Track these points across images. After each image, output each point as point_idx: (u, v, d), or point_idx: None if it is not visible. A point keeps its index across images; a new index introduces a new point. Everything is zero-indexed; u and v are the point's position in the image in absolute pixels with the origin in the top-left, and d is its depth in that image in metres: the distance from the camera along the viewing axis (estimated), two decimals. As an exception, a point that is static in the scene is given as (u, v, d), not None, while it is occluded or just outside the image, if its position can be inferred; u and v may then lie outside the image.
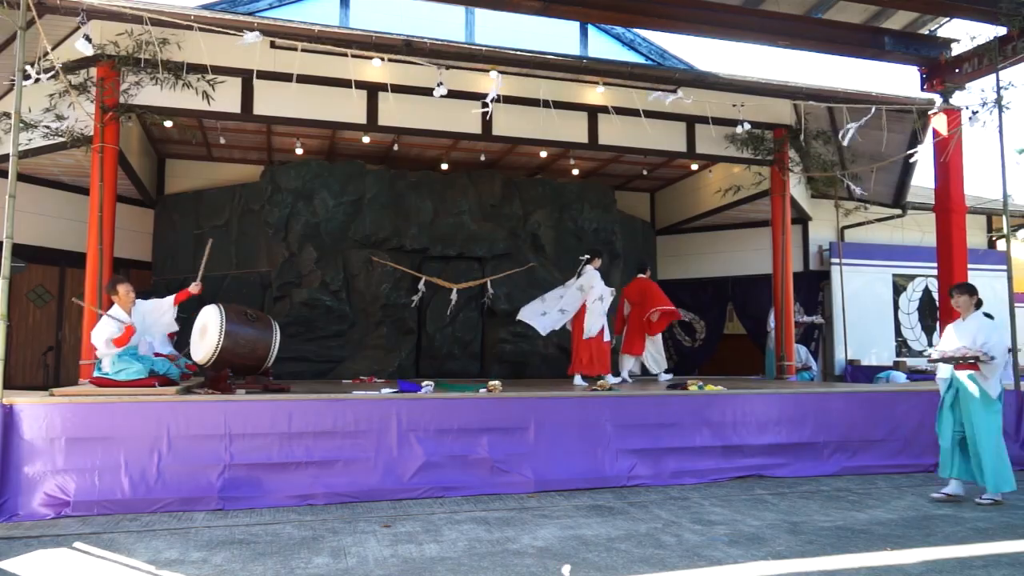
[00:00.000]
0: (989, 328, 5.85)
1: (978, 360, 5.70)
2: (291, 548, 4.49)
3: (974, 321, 5.95)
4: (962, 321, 6.02)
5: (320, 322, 9.88)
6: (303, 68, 7.92)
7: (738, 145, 9.83)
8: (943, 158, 9.11)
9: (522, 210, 11.07)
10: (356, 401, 6.06)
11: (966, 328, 5.95)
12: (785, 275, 10.24)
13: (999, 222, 14.07)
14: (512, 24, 10.82)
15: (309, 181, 10.08)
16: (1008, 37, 8.23)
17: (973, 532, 4.92)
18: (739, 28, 8.61)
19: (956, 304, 6.07)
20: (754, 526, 5.08)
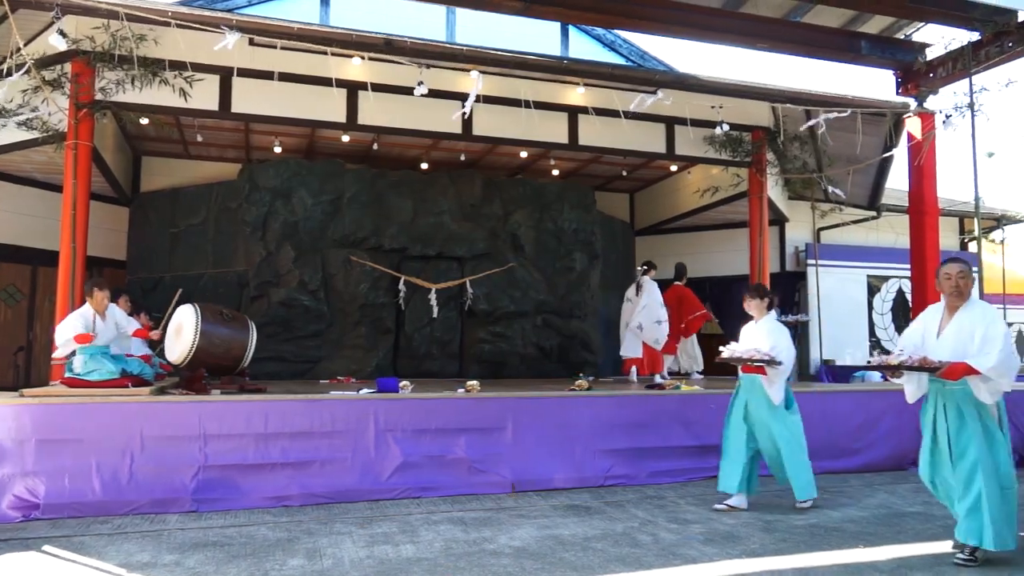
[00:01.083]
0: (779, 332, 5.61)
1: (766, 363, 5.42)
2: (266, 550, 4.46)
3: (766, 324, 5.69)
4: (755, 324, 5.76)
5: (298, 322, 9.82)
6: (282, 66, 7.88)
7: (716, 147, 9.89)
8: (917, 161, 9.24)
9: (502, 210, 11.07)
10: (333, 401, 6.04)
11: (758, 331, 5.69)
12: (762, 276, 10.32)
13: (971, 224, 14.27)
14: (493, 24, 10.80)
15: (288, 180, 10.02)
16: (981, 42, 8.37)
17: (943, 529, 4.98)
18: (718, 30, 8.68)
19: (748, 307, 5.80)
20: (729, 524, 5.12)
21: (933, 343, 4.36)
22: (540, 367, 10.83)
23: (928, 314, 4.53)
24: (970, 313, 4.28)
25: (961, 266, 4.36)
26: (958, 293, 4.32)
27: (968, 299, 4.33)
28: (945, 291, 4.36)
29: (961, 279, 4.32)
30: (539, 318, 10.93)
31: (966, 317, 4.28)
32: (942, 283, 4.37)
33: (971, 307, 4.31)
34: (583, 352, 11.13)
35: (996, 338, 4.10)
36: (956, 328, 4.29)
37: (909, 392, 4.56)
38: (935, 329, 4.41)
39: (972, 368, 4.09)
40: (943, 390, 4.35)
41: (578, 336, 11.11)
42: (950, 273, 4.35)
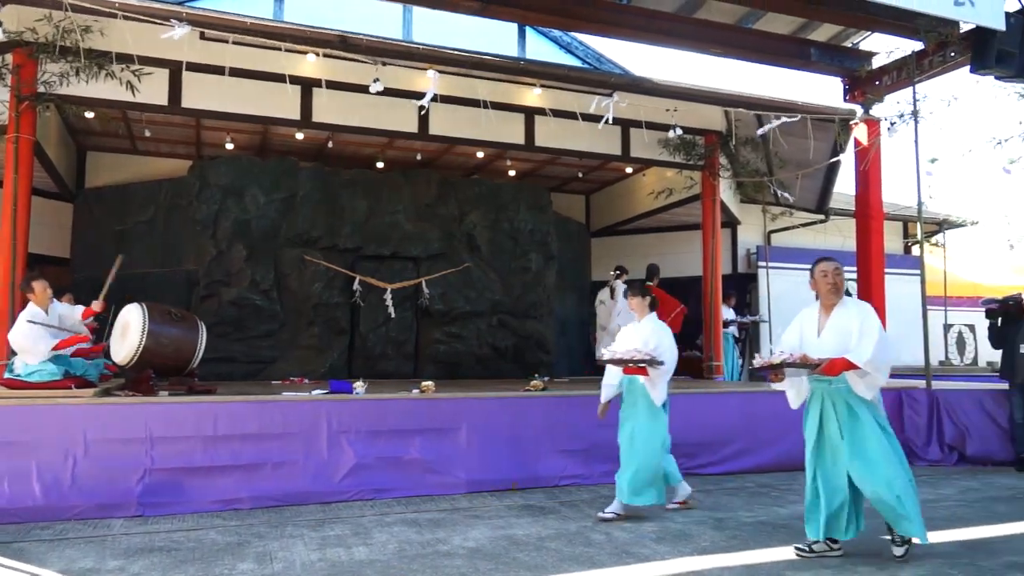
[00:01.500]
0: (661, 332, 5.42)
1: (647, 364, 5.21)
2: (214, 555, 4.37)
3: (648, 323, 5.51)
4: (637, 323, 5.59)
5: (249, 322, 9.66)
6: (235, 61, 7.73)
7: (671, 150, 10.02)
8: (863, 166, 9.49)
9: (458, 210, 11.04)
10: (285, 403, 5.95)
11: (640, 330, 5.51)
12: (715, 277, 10.50)
13: (914, 228, 14.70)
14: (450, 24, 10.77)
15: (240, 177, 9.84)
16: (925, 52, 8.62)
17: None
18: (673, 35, 8.79)
19: (630, 306, 5.68)
20: (681, 523, 5.19)
21: (814, 343, 4.35)
22: (495, 367, 10.84)
23: (804, 316, 4.53)
24: (846, 310, 4.32)
25: (836, 264, 4.42)
26: (835, 290, 4.35)
27: (842, 297, 4.38)
28: (822, 290, 4.39)
29: (837, 276, 4.38)
30: (495, 318, 10.94)
31: (843, 314, 4.31)
32: (819, 282, 4.40)
33: (846, 304, 4.36)
34: (538, 352, 11.16)
35: (871, 332, 4.13)
36: (835, 326, 4.30)
37: (791, 397, 4.54)
38: (814, 329, 4.41)
39: (851, 363, 4.10)
40: (829, 389, 4.32)
41: (533, 336, 11.15)
42: (826, 271, 4.40)
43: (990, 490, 6.44)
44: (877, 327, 4.13)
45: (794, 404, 4.53)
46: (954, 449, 7.74)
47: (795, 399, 4.51)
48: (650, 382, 5.29)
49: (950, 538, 4.76)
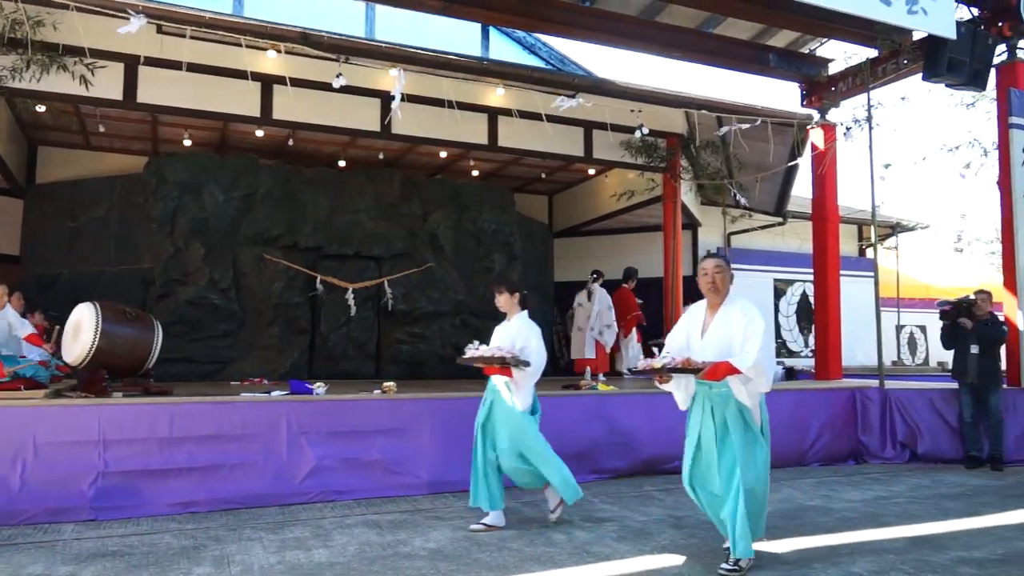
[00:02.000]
0: (530, 331, 5.07)
1: (511, 365, 4.86)
2: (170, 558, 4.29)
3: (517, 322, 5.16)
4: (507, 322, 5.24)
5: (207, 321, 9.50)
6: (193, 56, 7.59)
7: (633, 152, 10.11)
8: (819, 170, 9.69)
9: (421, 210, 11.00)
10: (243, 404, 5.86)
11: (507, 329, 5.18)
12: (675, 278, 10.62)
13: (869, 231, 15.05)
14: (413, 22, 10.73)
15: (197, 174, 9.67)
16: (879, 59, 8.85)
17: (841, 522, 5.24)
18: (635, 38, 8.88)
19: (498, 303, 5.28)
20: (641, 522, 5.23)
21: (698, 343, 4.13)
22: (458, 368, 10.78)
23: (692, 313, 4.30)
24: (731, 310, 4.07)
25: (717, 261, 4.16)
26: (714, 289, 4.11)
27: (727, 296, 4.13)
28: (703, 288, 4.17)
29: (717, 274, 4.11)
30: (457, 318, 10.92)
31: (727, 315, 4.07)
32: (700, 280, 4.17)
33: (732, 304, 4.10)
34: (501, 353, 11.15)
35: (755, 336, 3.89)
36: (718, 326, 4.08)
37: (679, 399, 4.30)
38: (699, 329, 4.19)
39: (734, 367, 3.87)
40: (710, 393, 4.10)
41: (496, 337, 11.13)
42: (706, 269, 4.14)
43: (940, 487, 6.62)
44: (761, 330, 3.91)
45: (682, 406, 4.31)
46: (906, 447, 7.94)
47: (683, 401, 4.29)
48: (514, 384, 4.93)
49: (901, 534, 4.87)
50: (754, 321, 3.95)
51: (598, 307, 10.20)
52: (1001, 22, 8.18)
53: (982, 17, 8.32)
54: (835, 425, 7.88)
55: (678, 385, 4.24)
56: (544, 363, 5.05)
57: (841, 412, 7.94)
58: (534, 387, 5.07)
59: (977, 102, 9.29)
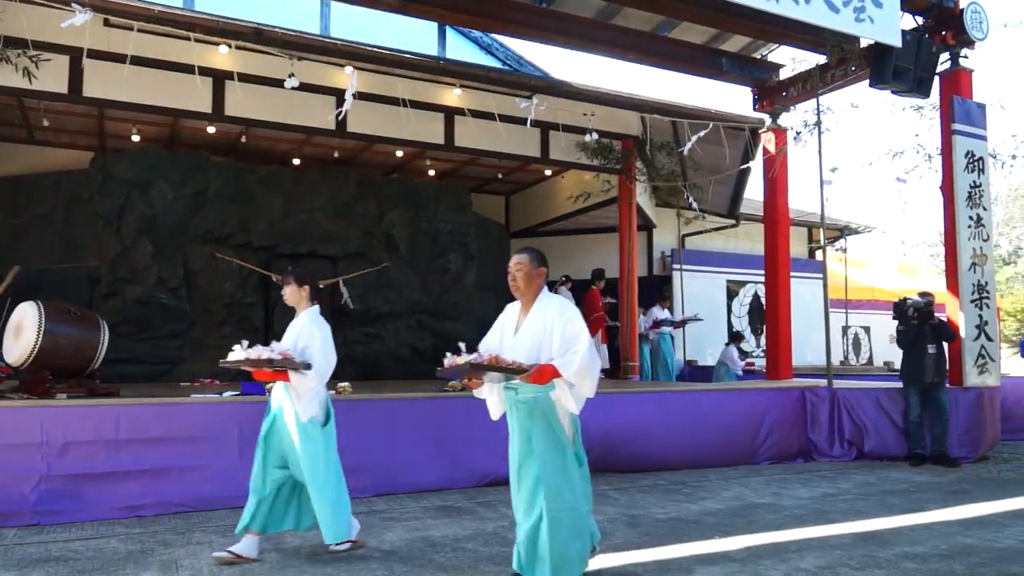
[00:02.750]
0: (315, 330, 4.37)
1: (291, 369, 4.17)
2: (115, 563, 4.18)
3: (303, 318, 4.48)
4: (295, 318, 4.55)
5: (156, 321, 9.29)
6: (141, 50, 7.40)
7: (588, 153, 10.17)
8: (771, 174, 9.88)
9: (376, 209, 10.92)
10: (193, 405, 5.75)
11: (293, 327, 4.50)
12: (631, 279, 10.72)
13: (818, 234, 15.41)
14: (369, 20, 10.64)
15: (146, 170, 9.45)
16: (828, 65, 9.04)
17: (790, 519, 5.35)
18: (591, 40, 8.95)
19: (285, 296, 4.58)
20: (596, 520, 5.24)
21: (510, 341, 3.77)
22: (414, 368, 10.76)
23: (507, 312, 3.93)
24: (546, 308, 3.72)
25: (518, 258, 3.82)
26: (515, 287, 3.78)
27: (540, 295, 3.78)
28: (511, 286, 3.82)
29: (517, 272, 3.77)
30: (413, 319, 10.86)
31: (540, 314, 3.72)
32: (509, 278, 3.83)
33: (546, 302, 3.76)
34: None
35: (577, 337, 3.57)
36: (530, 325, 3.72)
37: (492, 405, 3.89)
38: (512, 328, 3.82)
39: (558, 371, 3.51)
40: (515, 400, 3.70)
41: (453, 337, 11.01)
42: (509, 267, 3.82)
43: (885, 484, 6.80)
44: (582, 330, 3.60)
45: (495, 414, 3.89)
46: (853, 445, 8.14)
47: (496, 408, 3.88)
48: (294, 390, 4.25)
49: (848, 530, 4.99)
50: (573, 322, 3.62)
51: None
52: (944, 31, 8.43)
53: (926, 26, 8.57)
54: (785, 424, 8.04)
55: (490, 390, 3.83)
56: (332, 365, 4.36)
57: (791, 411, 8.10)
58: (326, 394, 4.44)
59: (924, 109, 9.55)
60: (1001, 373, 8.74)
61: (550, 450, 3.59)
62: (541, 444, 3.59)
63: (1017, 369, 15.55)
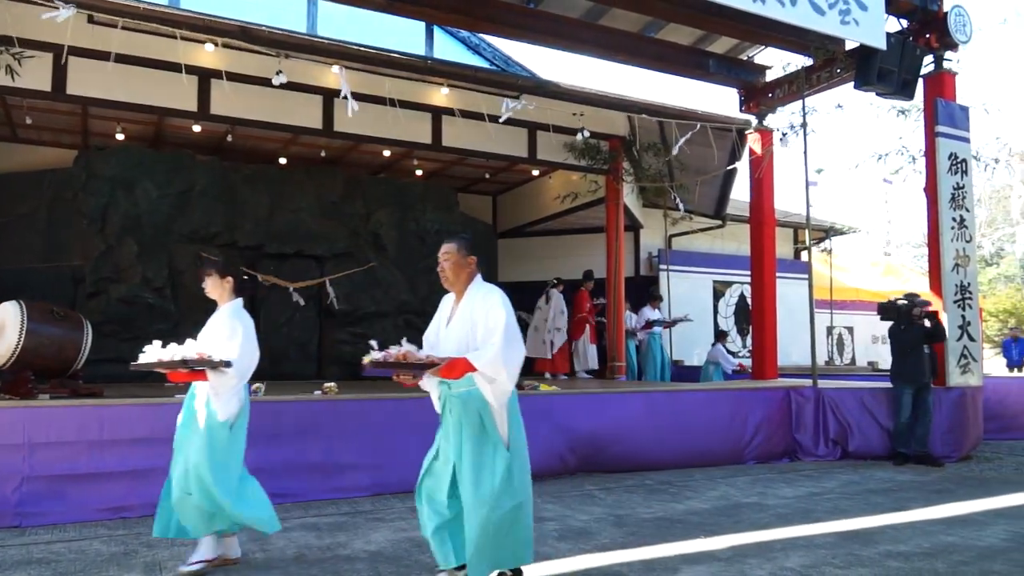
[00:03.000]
0: (235, 325, 4.13)
1: (204, 366, 3.87)
2: (98, 565, 4.15)
3: (223, 313, 4.21)
4: (217, 312, 4.27)
5: (140, 320, 9.22)
6: (126, 48, 7.35)
7: (576, 154, 10.19)
8: (757, 175, 9.93)
9: (364, 209, 10.89)
10: (177, 405, 5.66)
11: (212, 321, 4.24)
12: (618, 279, 10.75)
13: (804, 235, 15.50)
14: (356, 19, 10.60)
15: (131, 169, 9.38)
16: (814, 67, 9.10)
17: (775, 518, 5.38)
18: (578, 41, 8.96)
19: (206, 289, 4.34)
20: (583, 520, 5.28)
21: (444, 334, 3.68)
22: (400, 368, 10.72)
23: (444, 301, 3.80)
24: (472, 300, 3.59)
25: (446, 247, 3.67)
26: (443, 278, 3.67)
27: (472, 284, 3.64)
28: (440, 276, 3.71)
29: (445, 261, 3.64)
30: (401, 319, 10.83)
31: (469, 305, 3.59)
32: None
33: (475, 291, 3.62)
34: (444, 353, 11.13)
35: (496, 328, 3.42)
36: (459, 317, 3.60)
37: (435, 400, 3.74)
38: (446, 318, 3.71)
39: (471, 363, 3.38)
40: (449, 394, 3.57)
41: (439, 337, 11.09)
42: (438, 256, 3.69)
43: (869, 483, 6.85)
44: (502, 321, 3.43)
45: (438, 408, 3.75)
46: (837, 444, 8.19)
47: (438, 403, 3.74)
48: (213, 391, 3.96)
49: (832, 529, 5.02)
50: (493, 312, 3.47)
51: (553, 311, 10.98)
52: (928, 34, 8.51)
53: (911, 29, 8.64)
54: (771, 424, 8.08)
55: (429, 384, 3.67)
56: (254, 363, 4.13)
57: (777, 411, 8.15)
58: (246, 394, 4.18)
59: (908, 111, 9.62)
60: (983, 373, 8.82)
61: (483, 446, 3.47)
62: (470, 439, 3.48)
63: (999, 369, 15.70)
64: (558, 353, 11.12)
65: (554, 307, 11.17)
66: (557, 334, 11.03)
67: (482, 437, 3.49)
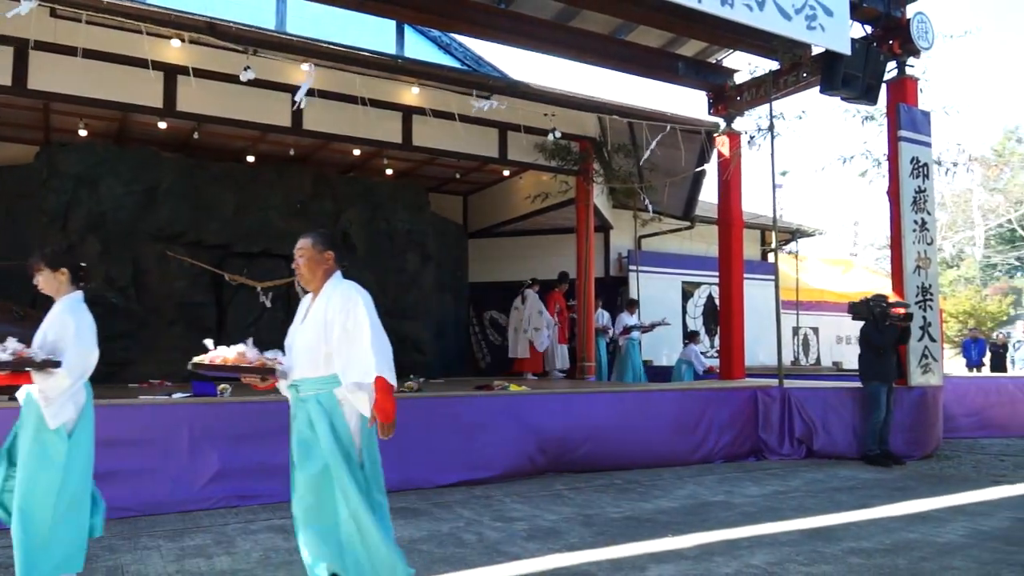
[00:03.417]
0: (68, 321, 3.61)
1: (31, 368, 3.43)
2: (59, 570, 4.06)
3: (58, 308, 3.71)
4: (52, 308, 3.77)
5: (104, 321, 8.78)
6: (90, 42, 7.20)
7: (547, 154, 10.21)
8: (725, 177, 10.04)
9: (333, 208, 10.80)
10: (142, 407, 5.62)
11: (47, 318, 3.72)
12: (588, 280, 10.80)
13: (771, 237, 15.70)
14: (326, 17, 10.53)
15: (94, 166, 9.19)
16: (781, 71, 9.23)
17: (742, 516, 5.44)
18: (549, 42, 8.99)
19: (39, 284, 3.83)
20: (551, 520, 5.29)
21: (298, 332, 3.41)
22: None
23: (304, 301, 3.50)
24: (328, 298, 3.30)
25: (302, 241, 3.41)
26: (299, 275, 3.40)
27: (329, 281, 3.36)
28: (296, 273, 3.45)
29: (300, 257, 3.38)
30: (370, 319, 10.76)
31: (323, 303, 3.30)
32: None
33: (331, 289, 3.33)
34: (414, 353, 11.08)
35: (360, 331, 3.17)
36: (314, 315, 3.32)
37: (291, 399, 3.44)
38: (303, 315, 3.43)
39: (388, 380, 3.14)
40: (297, 396, 3.34)
41: (410, 337, 11.05)
42: (294, 252, 3.41)
43: (833, 481, 6.97)
44: (366, 322, 3.17)
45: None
46: (802, 443, 8.31)
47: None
48: (41, 394, 3.48)
49: (797, 527, 5.10)
50: (353, 312, 3.20)
51: (529, 311, 11.12)
52: (892, 40, 8.67)
53: (875, 35, 8.80)
54: (738, 423, 8.17)
55: (282, 386, 3.44)
56: (91, 363, 3.67)
57: (744, 411, 8.24)
58: (86, 397, 3.68)
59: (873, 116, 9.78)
60: (944, 373, 9.01)
61: (330, 453, 3.15)
62: (325, 445, 3.16)
63: (959, 369, 16.05)
64: (534, 352, 11.24)
65: (530, 307, 11.26)
66: (536, 334, 11.16)
67: (335, 445, 3.16)
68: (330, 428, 3.19)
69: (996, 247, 33.58)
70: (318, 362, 3.25)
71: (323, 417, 3.19)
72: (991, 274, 33.61)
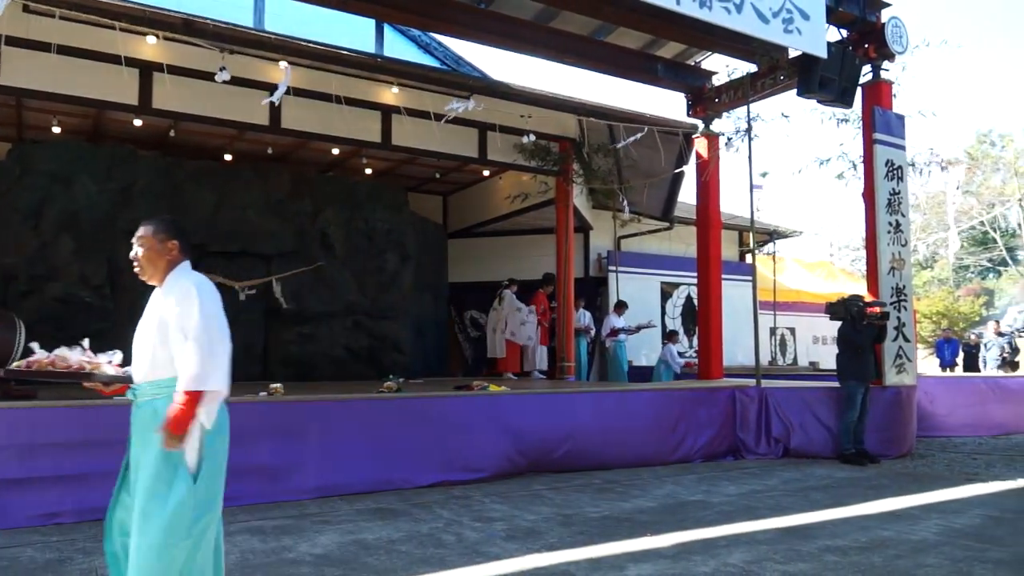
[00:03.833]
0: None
1: None
2: (32, 573, 4.00)
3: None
4: None
5: (77, 320, 8.89)
6: (63, 38, 7.11)
7: (526, 155, 10.22)
8: (703, 178, 10.10)
9: (311, 207, 10.71)
10: (115, 408, 5.52)
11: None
12: (567, 280, 10.83)
13: (748, 238, 15.83)
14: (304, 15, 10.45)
15: (68, 163, 9.05)
16: (759, 74, 9.30)
17: (720, 515, 5.48)
18: (529, 42, 9.00)
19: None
20: (530, 520, 5.29)
21: (138, 330, 3.02)
22: (350, 369, 10.61)
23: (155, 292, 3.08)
24: (168, 292, 2.96)
25: (141, 230, 3.06)
26: (137, 267, 3.05)
27: (172, 275, 3.02)
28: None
29: (139, 247, 3.04)
30: (349, 319, 10.71)
31: (162, 298, 2.96)
32: None
33: (172, 283, 2.99)
34: (394, 354, 11.05)
35: (189, 334, 2.81)
36: (151, 312, 2.98)
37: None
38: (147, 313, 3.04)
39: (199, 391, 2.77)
40: (136, 402, 2.95)
41: (389, 337, 11.02)
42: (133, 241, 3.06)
43: (809, 480, 7.03)
44: (196, 323, 2.81)
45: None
46: (779, 442, 8.38)
47: None
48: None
49: (773, 525, 5.14)
50: (188, 311, 2.85)
51: (506, 311, 11.24)
52: (867, 44, 8.77)
53: (850, 39, 8.89)
54: (716, 423, 8.22)
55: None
56: None
57: (722, 410, 8.29)
58: None
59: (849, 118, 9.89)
60: (917, 373, 9.13)
61: (161, 467, 2.78)
62: (152, 459, 2.79)
63: (932, 369, 16.28)
64: (511, 352, 11.27)
65: (507, 307, 11.29)
66: (520, 328, 11.24)
67: (163, 463, 2.78)
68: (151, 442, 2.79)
69: (969, 249, 34.11)
70: (156, 364, 2.88)
71: (155, 425, 2.78)
72: (964, 275, 34.15)
